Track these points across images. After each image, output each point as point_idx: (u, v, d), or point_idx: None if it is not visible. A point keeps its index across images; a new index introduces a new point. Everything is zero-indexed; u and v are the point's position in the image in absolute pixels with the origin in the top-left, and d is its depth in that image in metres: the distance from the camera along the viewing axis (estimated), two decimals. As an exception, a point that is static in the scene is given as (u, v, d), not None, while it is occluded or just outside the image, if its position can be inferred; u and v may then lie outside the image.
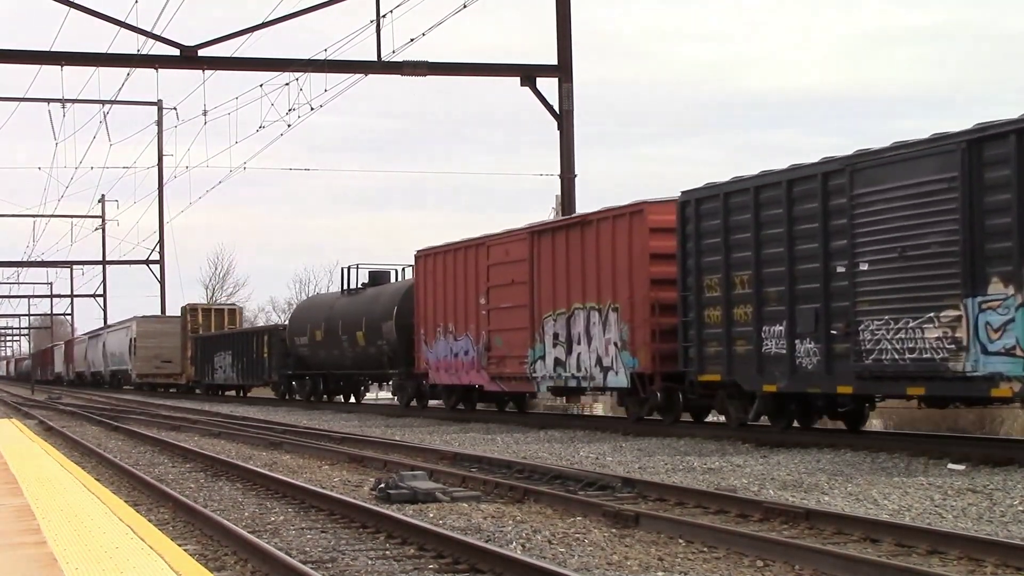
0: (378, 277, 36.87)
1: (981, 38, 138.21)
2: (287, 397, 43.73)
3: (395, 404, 35.62)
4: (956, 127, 16.55)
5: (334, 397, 41.27)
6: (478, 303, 27.55)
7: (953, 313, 15.79)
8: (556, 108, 32.48)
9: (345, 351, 36.25)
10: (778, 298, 18.78)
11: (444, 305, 29.02)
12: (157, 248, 74.21)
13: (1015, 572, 8.79)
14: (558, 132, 32.55)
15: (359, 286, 36.98)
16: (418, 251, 30.62)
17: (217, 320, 59.51)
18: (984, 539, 9.51)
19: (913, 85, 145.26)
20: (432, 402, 32.87)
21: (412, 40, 31.98)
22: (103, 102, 48.56)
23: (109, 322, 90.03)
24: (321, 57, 32.76)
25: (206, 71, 33.89)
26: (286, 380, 43.23)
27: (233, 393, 54.68)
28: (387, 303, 33.49)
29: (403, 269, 36.03)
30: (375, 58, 32.53)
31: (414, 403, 32.74)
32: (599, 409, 32.89)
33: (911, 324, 16.43)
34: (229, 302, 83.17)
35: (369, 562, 9.60)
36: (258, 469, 16.56)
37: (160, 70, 33.42)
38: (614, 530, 10.88)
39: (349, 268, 37.58)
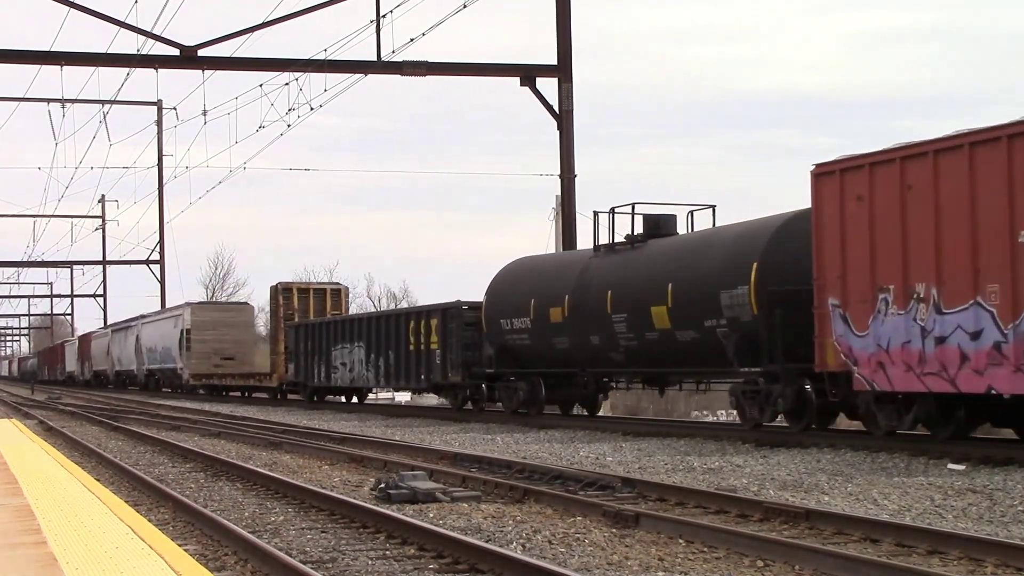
0: (662, 224, 24.81)
1: (980, 39, 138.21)
2: (474, 407, 30.10)
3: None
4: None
5: (575, 408, 28.26)
6: (1015, 243, 15.81)
7: None
8: (556, 108, 32.49)
9: (618, 337, 23.83)
10: None
11: (900, 253, 17.30)
12: (157, 248, 74.29)
13: (1015, 572, 8.79)
14: (558, 132, 32.56)
15: (636, 236, 24.70)
16: (819, 166, 18.86)
17: (318, 302, 44.93)
18: (984, 539, 9.51)
19: (912, 86, 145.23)
20: (848, 422, 20.98)
21: (412, 40, 32.06)
22: (103, 102, 48.67)
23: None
24: (321, 57, 32.79)
25: (206, 71, 33.94)
26: (478, 383, 29.37)
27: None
28: (730, 256, 21.32)
29: (690, 214, 24.77)
30: (375, 58, 32.57)
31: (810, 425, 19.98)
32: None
33: None
34: (332, 281, 57.82)
35: (369, 562, 9.60)
36: (258, 469, 16.56)
37: (160, 70, 33.49)
38: (614, 530, 10.88)
39: (612, 211, 25.20)
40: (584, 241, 30.81)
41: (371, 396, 42.53)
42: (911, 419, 17.50)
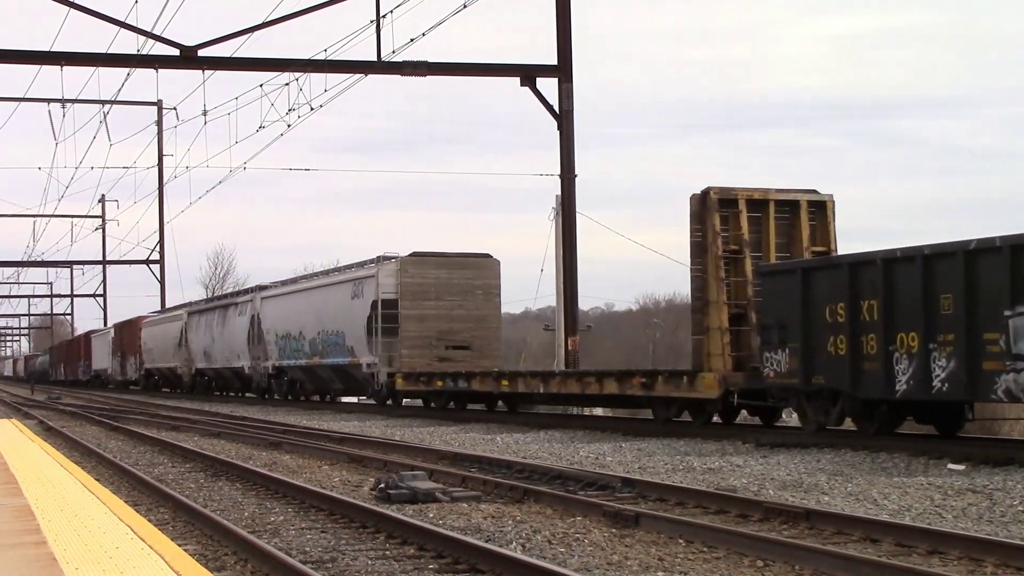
0: None
1: (975, 40, 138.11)
2: None
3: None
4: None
5: None
6: None
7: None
8: (556, 108, 32.48)
9: None
10: None
11: None
12: (157, 248, 74.23)
13: (1015, 572, 8.79)
14: (558, 132, 32.55)
15: None
16: None
17: (784, 226, 22.02)
18: (984, 539, 9.50)
19: (910, 86, 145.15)
20: None
21: (412, 40, 32.02)
22: (103, 102, 48.61)
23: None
24: (321, 57, 32.77)
25: (206, 71, 33.90)
26: None
27: (232, 396, 51.58)
28: None
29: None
30: (375, 58, 32.53)
31: None
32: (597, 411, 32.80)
33: None
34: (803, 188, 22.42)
35: (369, 562, 9.59)
36: (258, 469, 16.55)
37: (160, 70, 33.43)
38: (614, 530, 10.88)
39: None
40: (587, 243, 30.68)
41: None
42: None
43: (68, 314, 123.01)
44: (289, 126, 34.91)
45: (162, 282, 73.96)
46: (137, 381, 66.31)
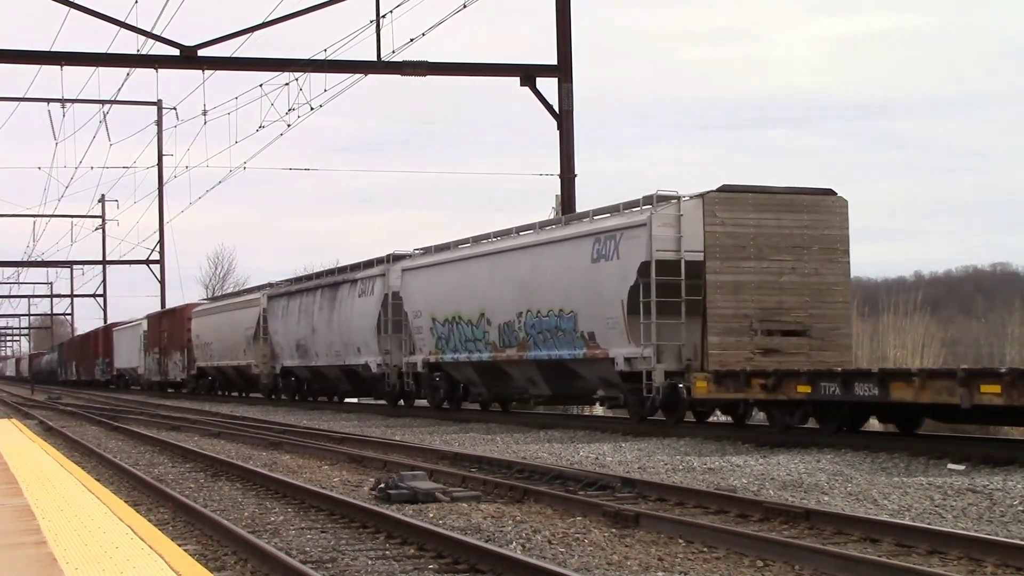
0: None
1: (972, 41, 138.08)
2: None
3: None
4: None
5: None
6: None
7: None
8: (556, 108, 32.47)
9: None
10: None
11: None
12: (157, 248, 74.22)
13: (1015, 572, 8.79)
14: (558, 132, 32.54)
15: None
16: None
17: None
18: (984, 539, 9.50)
19: (909, 87, 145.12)
20: None
21: (412, 40, 32.01)
22: (103, 102, 48.67)
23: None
24: (321, 57, 32.77)
25: (206, 71, 33.89)
26: None
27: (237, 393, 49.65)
28: None
29: None
30: (375, 58, 32.53)
31: None
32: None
33: None
34: None
35: (369, 562, 9.59)
36: (258, 469, 16.55)
37: (160, 70, 33.42)
38: (614, 530, 10.88)
39: None
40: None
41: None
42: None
43: (68, 314, 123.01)
44: (289, 126, 34.94)
45: (162, 282, 73.91)
46: (183, 383, 54.45)
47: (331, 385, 39.02)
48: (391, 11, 32.15)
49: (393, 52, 32.21)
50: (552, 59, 32.59)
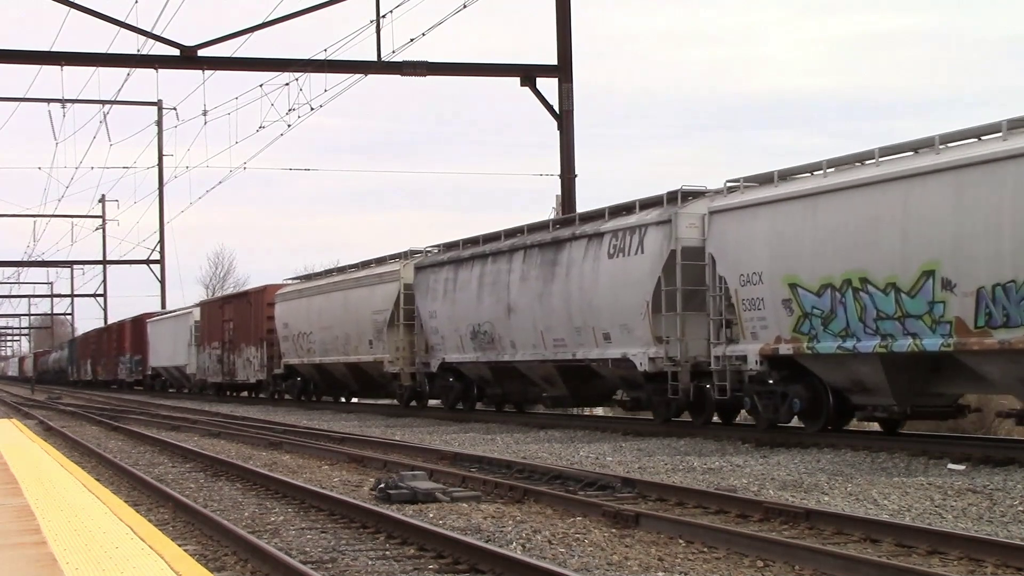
0: None
1: (971, 42, 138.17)
2: None
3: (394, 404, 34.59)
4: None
5: None
6: None
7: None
8: (556, 108, 32.47)
9: None
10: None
11: None
12: (157, 248, 74.23)
13: (1015, 572, 8.78)
14: (558, 132, 32.54)
15: None
16: None
17: None
18: (984, 539, 9.50)
19: (908, 87, 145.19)
20: None
21: (412, 40, 32.02)
22: (103, 102, 48.61)
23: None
24: (321, 57, 32.76)
25: (206, 71, 33.89)
26: None
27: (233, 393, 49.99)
28: None
29: None
30: (375, 58, 32.53)
31: None
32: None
33: None
34: None
35: (369, 562, 9.59)
36: (258, 469, 16.55)
37: (160, 70, 33.42)
38: (614, 530, 10.88)
39: None
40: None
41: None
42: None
43: (68, 314, 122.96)
44: (289, 126, 34.94)
45: (162, 282, 73.93)
46: (260, 385, 44.06)
47: (535, 390, 27.52)
48: (391, 11, 32.19)
49: (393, 52, 32.25)
50: (552, 59, 32.59)
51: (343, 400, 40.31)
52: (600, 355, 23.08)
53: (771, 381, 19.44)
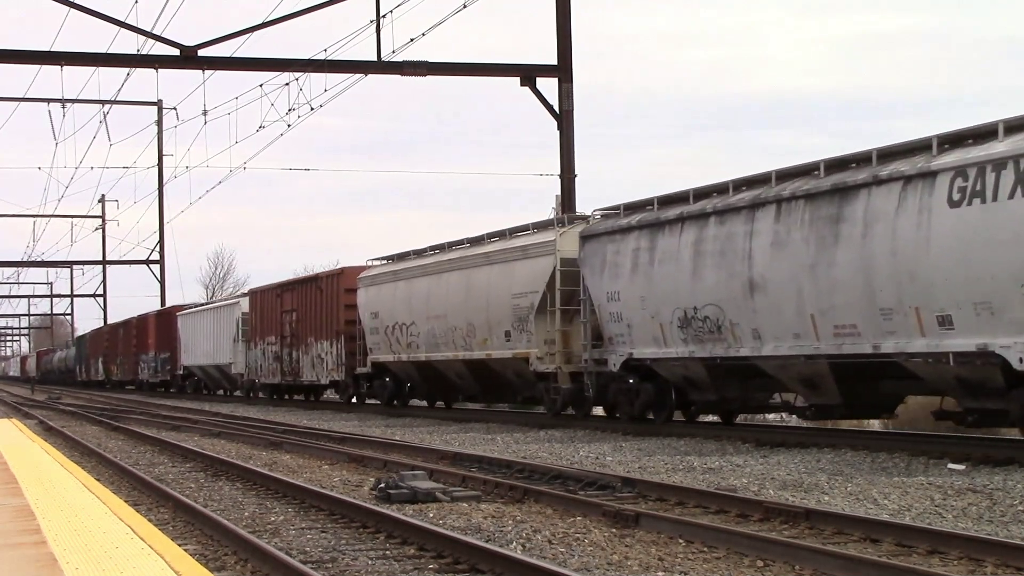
0: None
1: (971, 42, 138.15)
2: None
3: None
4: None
5: None
6: None
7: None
8: (556, 108, 32.48)
9: None
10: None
11: None
12: (157, 248, 74.23)
13: (1015, 572, 8.78)
14: (558, 132, 32.55)
15: None
16: None
17: None
18: (984, 539, 9.50)
19: (908, 87, 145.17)
20: None
21: (412, 40, 32.04)
22: (103, 102, 48.60)
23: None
24: (321, 57, 32.77)
25: (206, 71, 33.90)
26: None
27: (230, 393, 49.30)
28: None
29: None
30: (375, 58, 32.54)
31: None
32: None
33: None
34: None
35: (369, 562, 9.59)
36: (258, 469, 16.55)
37: (160, 70, 33.44)
38: (614, 530, 10.87)
39: None
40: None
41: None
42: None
43: (68, 314, 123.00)
44: (289, 126, 34.94)
45: (162, 282, 73.92)
46: (337, 386, 37.54)
47: (776, 394, 21.60)
48: (391, 11, 32.20)
49: (393, 52, 32.27)
50: (552, 59, 32.60)
51: (451, 406, 33.70)
52: (929, 347, 16.38)
53: None
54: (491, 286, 27.30)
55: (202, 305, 55.90)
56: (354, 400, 36.66)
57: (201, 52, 32.43)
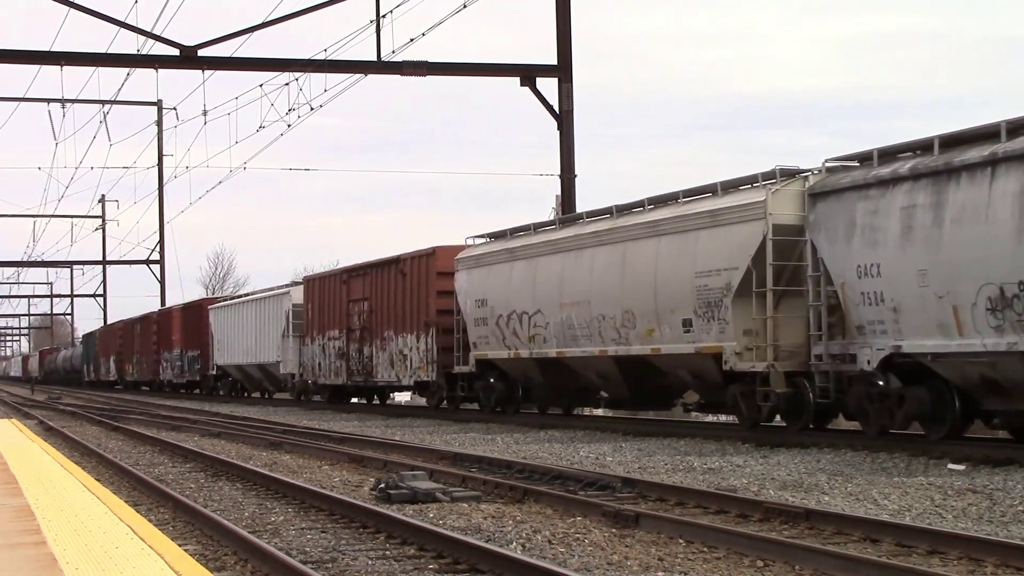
0: None
1: (971, 42, 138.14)
2: None
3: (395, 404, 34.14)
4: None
5: None
6: None
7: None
8: (556, 108, 32.48)
9: None
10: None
11: None
12: (157, 248, 74.22)
13: (1015, 572, 8.78)
14: (558, 132, 32.55)
15: None
16: None
17: None
18: (984, 539, 9.50)
19: (908, 87, 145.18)
20: None
21: (412, 40, 32.05)
22: (103, 102, 48.66)
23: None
24: (321, 57, 32.78)
25: (206, 71, 33.90)
26: None
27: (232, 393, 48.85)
28: None
29: None
30: (375, 58, 32.54)
31: None
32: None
33: None
34: None
35: (369, 562, 9.59)
36: (258, 469, 16.55)
37: (160, 70, 33.44)
38: (614, 530, 10.87)
39: None
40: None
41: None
42: None
43: (68, 314, 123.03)
44: (289, 126, 34.95)
45: (162, 282, 73.92)
46: (427, 388, 31.31)
47: None
48: (391, 11, 32.20)
49: (393, 52, 32.27)
50: (552, 59, 32.60)
51: (571, 413, 27.82)
52: None
53: None
54: (661, 263, 21.68)
55: (239, 297, 49.91)
56: (443, 405, 31.00)
57: (201, 52, 32.43)
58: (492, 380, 27.94)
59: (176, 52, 32.38)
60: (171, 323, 56.98)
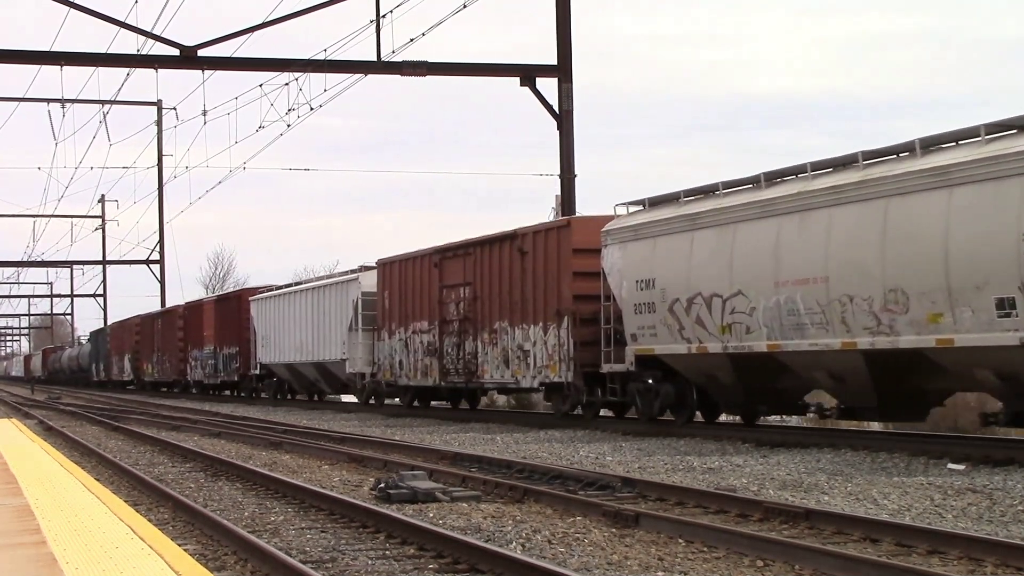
0: None
1: (970, 43, 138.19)
2: None
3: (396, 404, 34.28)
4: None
5: None
6: None
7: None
8: (556, 108, 32.47)
9: None
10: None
11: None
12: (157, 248, 74.21)
13: (1015, 572, 8.78)
14: (558, 132, 32.54)
15: None
16: None
17: None
18: (984, 539, 9.50)
19: (908, 87, 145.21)
20: None
21: (412, 40, 32.03)
22: (103, 102, 48.62)
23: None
24: (321, 57, 32.77)
25: (206, 71, 33.89)
26: None
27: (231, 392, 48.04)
28: None
29: None
30: (375, 58, 32.53)
31: None
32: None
33: None
34: None
35: (369, 562, 9.59)
36: (258, 469, 16.55)
37: (160, 70, 33.42)
38: (614, 530, 10.87)
39: None
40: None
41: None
42: None
43: (68, 314, 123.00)
44: (289, 126, 34.93)
45: (162, 282, 73.88)
46: (560, 390, 25.61)
47: None
48: (391, 11, 32.18)
49: (393, 52, 32.25)
50: (552, 59, 32.59)
51: (754, 424, 22.32)
52: None
53: None
54: (955, 223, 15.99)
55: (290, 286, 42.25)
56: (578, 411, 25.32)
57: (201, 52, 32.42)
58: (650, 381, 22.69)
59: (176, 52, 32.37)
60: (201, 317, 50.84)
